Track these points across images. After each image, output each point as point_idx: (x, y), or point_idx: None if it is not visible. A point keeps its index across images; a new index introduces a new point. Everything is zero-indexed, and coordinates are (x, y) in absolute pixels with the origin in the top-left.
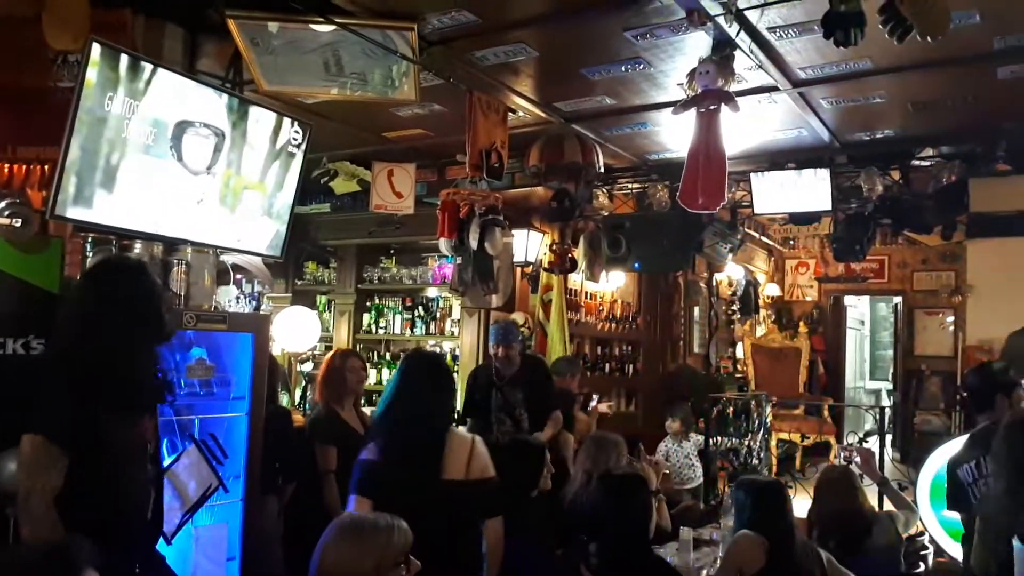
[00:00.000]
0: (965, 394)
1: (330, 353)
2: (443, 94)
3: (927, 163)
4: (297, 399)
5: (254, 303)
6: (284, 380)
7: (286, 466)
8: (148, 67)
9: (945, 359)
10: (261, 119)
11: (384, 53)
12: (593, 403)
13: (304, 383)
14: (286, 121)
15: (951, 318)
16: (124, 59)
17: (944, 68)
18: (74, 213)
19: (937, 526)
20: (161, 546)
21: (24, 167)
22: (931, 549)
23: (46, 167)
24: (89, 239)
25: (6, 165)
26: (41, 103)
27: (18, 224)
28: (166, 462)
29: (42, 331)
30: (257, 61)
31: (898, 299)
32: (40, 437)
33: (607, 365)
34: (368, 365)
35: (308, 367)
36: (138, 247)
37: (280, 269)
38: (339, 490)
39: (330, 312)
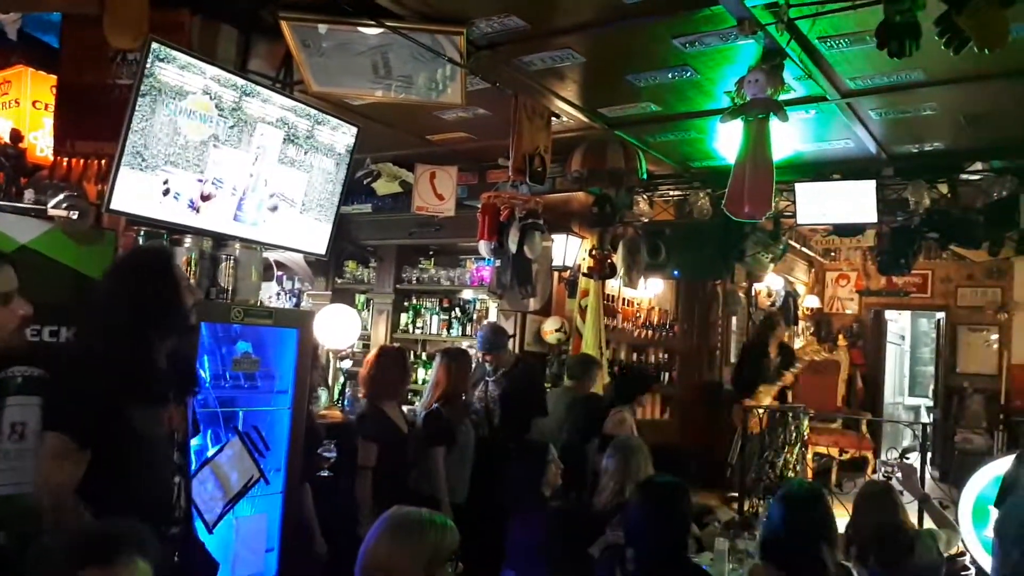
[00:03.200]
0: None
1: (377, 350)
2: (487, 98)
3: (977, 177)
4: (336, 395)
5: (294, 300)
6: (323, 376)
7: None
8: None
9: (988, 377)
10: (320, 121)
11: (432, 57)
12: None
13: (343, 380)
14: (340, 123)
15: (995, 335)
16: (182, 58)
17: (1000, 80)
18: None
19: (979, 547)
20: (203, 535)
21: (82, 161)
22: (973, 570)
23: (103, 162)
24: (141, 232)
25: (65, 159)
26: (100, 99)
27: (75, 216)
28: (210, 452)
29: (81, 318)
30: (307, 62)
31: (941, 315)
32: (57, 433)
33: None
34: None
35: (347, 364)
36: (188, 241)
37: (320, 267)
38: (374, 487)
39: (368, 311)
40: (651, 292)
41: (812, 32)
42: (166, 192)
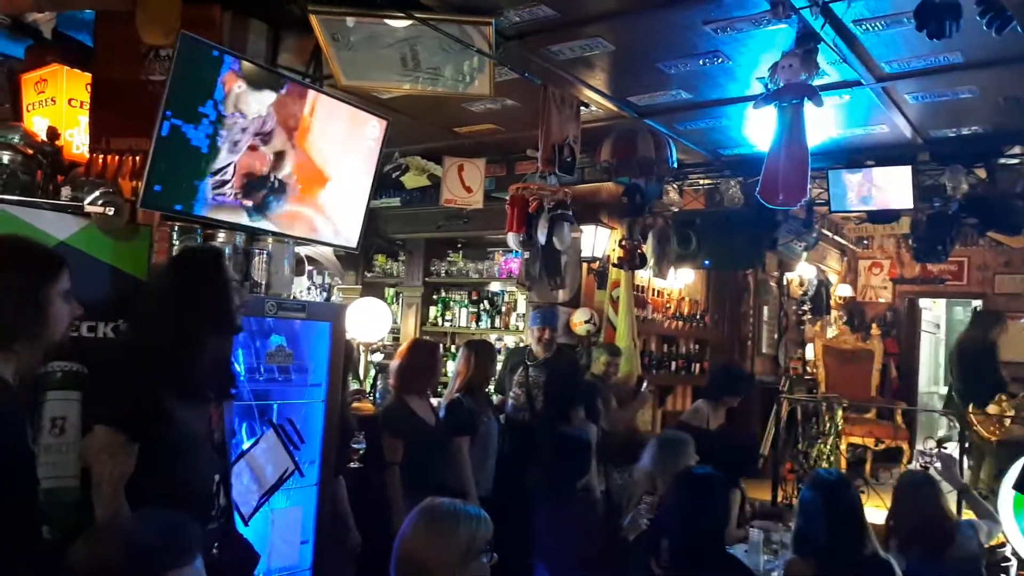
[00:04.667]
0: None
1: (409, 343)
2: (515, 89)
3: (1016, 161)
4: (368, 388)
5: (325, 294)
6: (355, 369)
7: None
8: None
9: None
10: (348, 114)
11: (461, 48)
12: (644, 388)
13: (375, 372)
14: (369, 116)
15: None
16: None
17: None
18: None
19: (1020, 537)
20: (239, 527)
21: (117, 157)
22: (1014, 562)
23: (137, 158)
24: (176, 228)
25: (100, 156)
26: (133, 96)
27: (110, 212)
28: (245, 445)
29: (131, 316)
30: (336, 56)
31: (978, 302)
32: (108, 427)
33: (673, 363)
34: None
35: (379, 357)
36: (221, 236)
37: (350, 261)
38: (407, 481)
39: (398, 304)
40: (681, 282)
41: (847, 15)
42: None
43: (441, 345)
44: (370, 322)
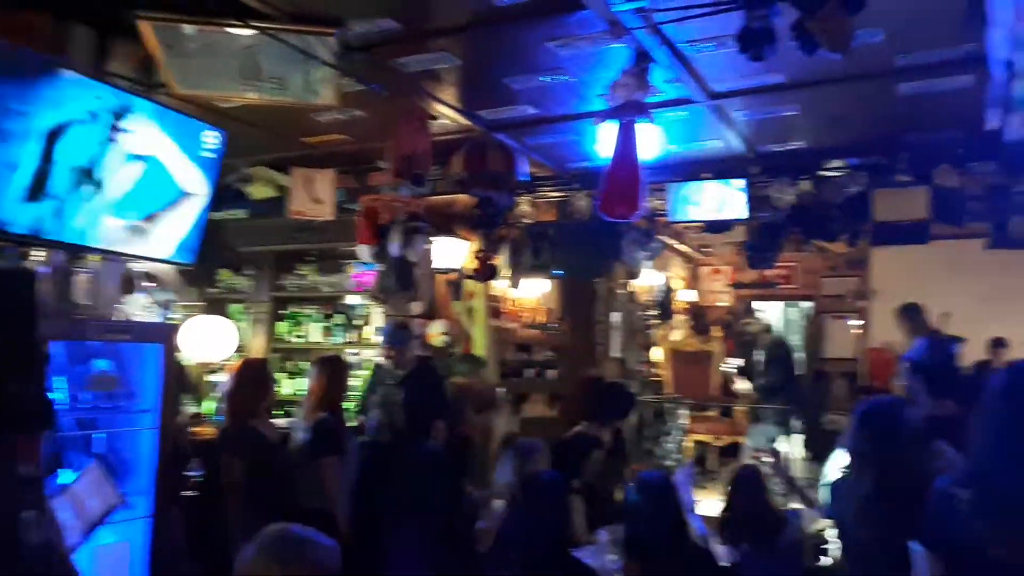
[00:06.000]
0: None
1: (237, 365)
2: (365, 100)
3: (837, 174)
4: (210, 409)
5: (165, 312)
6: (192, 391)
7: None
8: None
9: (850, 361)
10: (176, 123)
11: (304, 58)
12: (499, 395)
13: (218, 394)
14: (202, 126)
15: (856, 321)
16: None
17: (851, 83)
18: None
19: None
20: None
21: None
22: (831, 544)
23: None
24: None
25: None
26: None
27: None
28: (66, 479)
29: None
30: (170, 64)
31: (809, 304)
32: None
33: (529, 371)
34: (285, 375)
35: (223, 377)
36: (41, 255)
37: (192, 277)
38: (249, 504)
39: (246, 320)
40: (537, 292)
41: (679, 36)
42: None
43: (288, 361)
44: (211, 341)
